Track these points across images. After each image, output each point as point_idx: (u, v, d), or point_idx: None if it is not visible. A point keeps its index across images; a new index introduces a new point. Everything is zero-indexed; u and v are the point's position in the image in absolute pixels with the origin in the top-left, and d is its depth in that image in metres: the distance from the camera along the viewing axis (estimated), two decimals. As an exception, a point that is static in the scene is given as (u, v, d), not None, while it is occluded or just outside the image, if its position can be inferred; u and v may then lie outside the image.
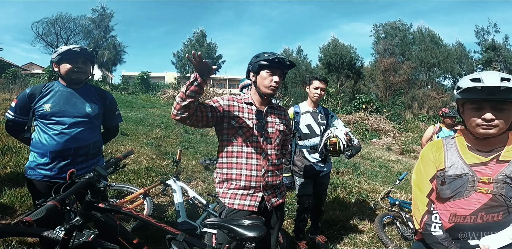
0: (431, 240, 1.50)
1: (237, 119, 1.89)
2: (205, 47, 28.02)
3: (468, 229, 1.45)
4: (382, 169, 7.76)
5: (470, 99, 1.41)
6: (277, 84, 1.92)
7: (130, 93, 19.10)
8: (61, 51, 2.10)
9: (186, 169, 5.04)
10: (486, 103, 1.36)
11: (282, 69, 1.95)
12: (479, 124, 1.39)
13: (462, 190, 1.45)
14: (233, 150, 1.90)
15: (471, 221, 1.44)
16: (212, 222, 1.66)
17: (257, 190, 1.92)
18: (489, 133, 1.38)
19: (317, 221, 3.38)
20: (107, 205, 1.66)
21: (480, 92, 1.34)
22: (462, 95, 1.43)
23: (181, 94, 1.64)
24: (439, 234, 1.47)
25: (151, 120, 8.68)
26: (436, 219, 1.51)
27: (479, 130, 1.39)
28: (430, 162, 1.57)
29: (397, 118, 16.72)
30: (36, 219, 1.23)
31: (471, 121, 1.42)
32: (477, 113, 1.39)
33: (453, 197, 1.47)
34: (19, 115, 2.13)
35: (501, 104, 1.35)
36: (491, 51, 25.42)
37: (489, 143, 1.46)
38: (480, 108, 1.38)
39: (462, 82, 1.42)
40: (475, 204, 1.43)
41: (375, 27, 29.66)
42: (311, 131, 3.06)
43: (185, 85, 1.64)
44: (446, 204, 1.51)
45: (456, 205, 1.47)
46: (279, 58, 1.88)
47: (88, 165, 2.17)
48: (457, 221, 1.47)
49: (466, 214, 1.44)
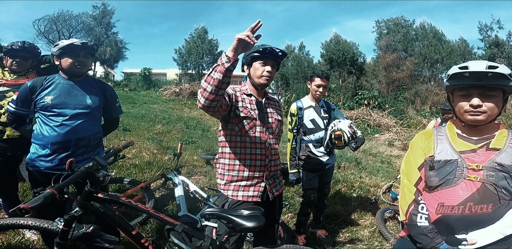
0: (416, 231, 1.43)
1: (241, 109, 1.90)
2: (207, 44, 27.87)
3: (455, 221, 1.37)
4: (384, 164, 7.74)
5: (458, 86, 1.42)
6: (269, 73, 1.94)
7: (132, 89, 19.11)
8: (62, 45, 2.11)
9: (187, 164, 5.05)
10: (474, 89, 1.37)
11: (275, 59, 1.97)
12: (467, 110, 1.40)
13: (451, 178, 1.40)
14: (236, 139, 1.90)
15: (459, 212, 1.35)
16: (211, 212, 1.66)
17: (260, 180, 1.93)
18: (477, 119, 1.38)
19: (319, 215, 3.39)
20: (106, 195, 1.66)
21: (467, 79, 1.36)
22: (450, 82, 1.44)
23: (215, 82, 1.55)
24: (425, 225, 1.41)
25: (153, 116, 8.69)
26: (422, 210, 1.45)
27: (467, 117, 1.40)
28: (420, 150, 1.55)
29: (400, 114, 16.64)
30: (33, 206, 1.23)
31: (460, 108, 1.43)
32: (465, 100, 1.40)
33: (441, 185, 1.42)
34: (21, 108, 2.17)
35: (489, 91, 1.36)
36: (495, 48, 25.22)
37: (479, 131, 1.45)
38: (468, 95, 1.39)
39: (450, 70, 1.44)
40: (463, 193, 1.36)
41: (377, 23, 29.47)
42: (315, 125, 3.06)
43: (218, 71, 1.55)
44: (434, 193, 1.45)
45: (444, 194, 1.41)
46: (270, 48, 1.90)
47: (89, 156, 2.18)
48: (445, 212, 1.39)
49: (454, 204, 1.37)
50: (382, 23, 29.21)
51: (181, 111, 11.26)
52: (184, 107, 12.35)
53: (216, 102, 1.64)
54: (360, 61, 27.54)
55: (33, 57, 2.64)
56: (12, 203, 2.67)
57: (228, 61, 1.53)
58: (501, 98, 1.39)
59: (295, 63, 27.26)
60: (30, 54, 2.61)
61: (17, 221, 1.64)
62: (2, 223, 1.66)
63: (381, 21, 29.28)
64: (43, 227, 1.62)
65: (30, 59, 2.62)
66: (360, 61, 27.46)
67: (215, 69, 1.56)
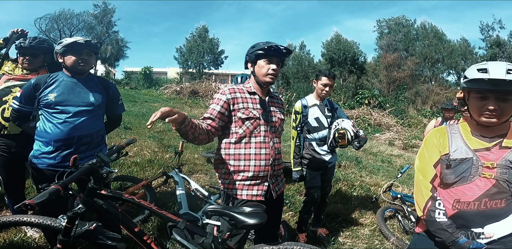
0: (435, 227, 1.48)
1: (243, 111, 1.88)
2: (207, 43, 27.88)
3: (471, 216, 1.45)
4: (385, 163, 7.75)
5: (476, 89, 1.43)
6: (274, 71, 1.93)
7: (133, 88, 19.12)
8: (66, 43, 2.13)
9: (188, 162, 5.06)
10: (490, 93, 1.39)
11: (279, 57, 1.96)
12: (483, 113, 1.42)
13: (466, 175, 1.46)
14: (241, 141, 1.89)
15: (474, 207, 1.43)
16: (213, 209, 1.67)
17: (264, 179, 1.93)
18: (491, 122, 1.41)
19: (320, 214, 3.41)
20: (109, 191, 1.67)
21: (485, 83, 1.37)
22: (468, 84, 1.45)
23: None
24: (443, 220, 1.46)
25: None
26: (440, 206, 1.50)
27: (482, 118, 1.43)
28: (434, 147, 1.58)
29: (400, 114, 16.66)
30: (39, 202, 1.24)
31: (475, 109, 1.45)
32: (481, 103, 1.42)
33: (457, 182, 1.48)
34: (24, 105, 2.18)
35: (505, 95, 1.38)
36: (496, 47, 25.16)
37: (492, 130, 1.49)
38: (485, 98, 1.41)
39: (469, 72, 1.45)
40: (479, 190, 1.43)
41: (378, 22, 29.40)
42: (319, 123, 3.08)
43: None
44: (450, 190, 1.50)
45: (460, 190, 1.47)
46: (275, 46, 1.89)
47: (91, 153, 2.19)
48: (461, 208, 1.46)
49: (470, 200, 1.44)
50: (383, 23, 29.14)
51: (182, 110, 11.10)
52: (185, 106, 12.38)
53: (207, 140, 1.80)
54: (361, 60, 27.50)
55: (44, 54, 2.60)
56: (18, 201, 2.67)
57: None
58: None
59: (295, 63, 27.23)
60: (40, 51, 2.58)
61: (21, 218, 1.66)
62: (6, 220, 1.68)
63: (382, 21, 29.23)
64: (47, 224, 1.63)
65: (40, 56, 2.60)
66: (361, 60, 27.41)
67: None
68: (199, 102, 13.93)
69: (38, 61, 2.60)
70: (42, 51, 2.58)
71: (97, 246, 1.67)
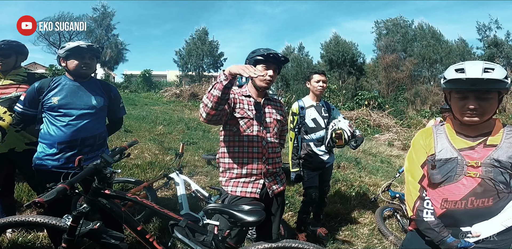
0: (423, 226, 1.53)
1: (238, 111, 1.98)
2: (207, 45, 27.98)
3: (459, 215, 1.48)
4: (384, 164, 7.78)
5: (455, 89, 1.47)
6: (271, 78, 2.02)
7: (133, 91, 19.16)
8: (69, 47, 2.17)
9: (189, 164, 5.10)
10: (470, 92, 1.42)
11: (277, 64, 2.05)
12: (464, 112, 1.45)
13: (452, 175, 1.49)
14: (235, 139, 1.99)
15: (462, 206, 1.46)
16: (213, 207, 1.72)
17: (258, 177, 2.00)
18: (473, 121, 1.44)
19: (319, 213, 3.45)
20: (113, 191, 1.72)
21: (464, 83, 1.40)
22: (447, 85, 1.49)
23: (215, 99, 1.66)
24: (431, 219, 1.51)
25: (154, 117, 8.73)
26: (428, 205, 1.54)
27: (464, 118, 1.46)
28: (421, 148, 1.62)
29: (400, 114, 16.69)
30: (48, 200, 1.29)
31: (457, 109, 1.49)
32: (462, 102, 1.45)
33: (444, 182, 1.51)
34: (28, 108, 2.23)
35: (485, 94, 1.41)
36: (494, 47, 25.31)
37: (476, 129, 1.51)
38: (465, 98, 1.44)
39: (447, 72, 1.48)
40: (465, 189, 1.46)
41: (376, 23, 29.60)
42: (316, 124, 3.13)
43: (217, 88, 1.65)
44: (438, 189, 1.54)
45: (447, 190, 1.50)
46: (274, 53, 1.99)
47: (94, 155, 2.25)
48: (449, 207, 1.49)
49: (457, 199, 1.47)
50: (381, 24, 29.36)
51: (181, 112, 11.29)
52: (184, 109, 12.39)
53: (217, 116, 1.78)
54: (360, 61, 27.65)
55: (16, 53, 2.54)
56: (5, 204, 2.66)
57: (225, 79, 1.63)
58: (497, 99, 1.45)
59: (294, 64, 27.37)
60: (12, 50, 2.51)
61: (27, 219, 1.70)
62: (12, 220, 1.72)
63: (380, 22, 29.45)
64: (52, 223, 1.68)
65: (12, 56, 2.53)
66: (359, 61, 27.56)
67: (214, 87, 1.68)
68: (199, 105, 13.91)
69: (10, 61, 2.53)
70: (13, 51, 2.54)
71: (100, 245, 1.71)
